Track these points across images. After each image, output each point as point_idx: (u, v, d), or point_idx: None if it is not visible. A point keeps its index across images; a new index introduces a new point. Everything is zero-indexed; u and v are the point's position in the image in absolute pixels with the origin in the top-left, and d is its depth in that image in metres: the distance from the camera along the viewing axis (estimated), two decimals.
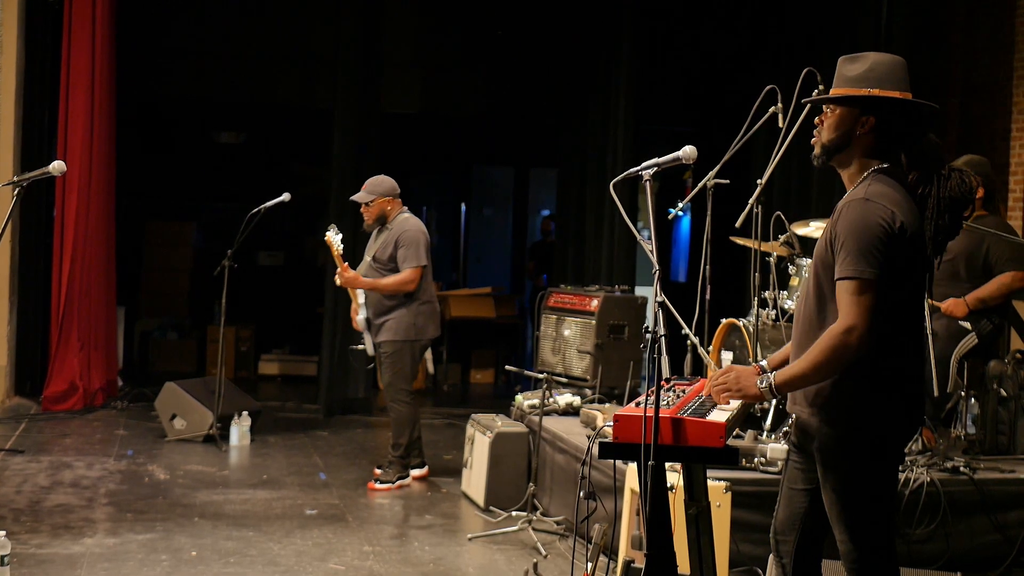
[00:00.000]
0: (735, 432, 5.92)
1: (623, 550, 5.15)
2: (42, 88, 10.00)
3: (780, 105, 6.04)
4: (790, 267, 6.42)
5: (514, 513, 6.51)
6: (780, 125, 5.99)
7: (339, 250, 7.18)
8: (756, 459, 5.56)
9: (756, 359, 5.99)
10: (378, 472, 7.40)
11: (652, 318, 3.40)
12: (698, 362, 6.25)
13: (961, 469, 5.71)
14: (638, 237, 3.67)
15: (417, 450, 7.54)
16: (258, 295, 12.71)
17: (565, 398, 7.34)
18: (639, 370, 7.79)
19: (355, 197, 7.40)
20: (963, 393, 6.26)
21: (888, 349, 3.46)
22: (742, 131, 6.00)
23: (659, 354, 3.35)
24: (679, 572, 3.55)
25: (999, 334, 6.36)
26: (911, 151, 3.55)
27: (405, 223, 7.33)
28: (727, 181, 6.21)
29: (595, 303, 8.10)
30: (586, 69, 11.06)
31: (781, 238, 6.42)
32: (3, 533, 4.97)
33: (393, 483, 7.30)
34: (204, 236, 13.82)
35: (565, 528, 6.28)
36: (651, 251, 3.54)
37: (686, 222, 14.96)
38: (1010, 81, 9.47)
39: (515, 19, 11.75)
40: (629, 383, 7.47)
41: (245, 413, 8.61)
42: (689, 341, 6.10)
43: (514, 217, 16.77)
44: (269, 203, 8.46)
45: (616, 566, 5.10)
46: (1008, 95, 9.49)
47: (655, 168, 3.70)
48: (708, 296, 6.25)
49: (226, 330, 8.88)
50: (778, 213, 6.34)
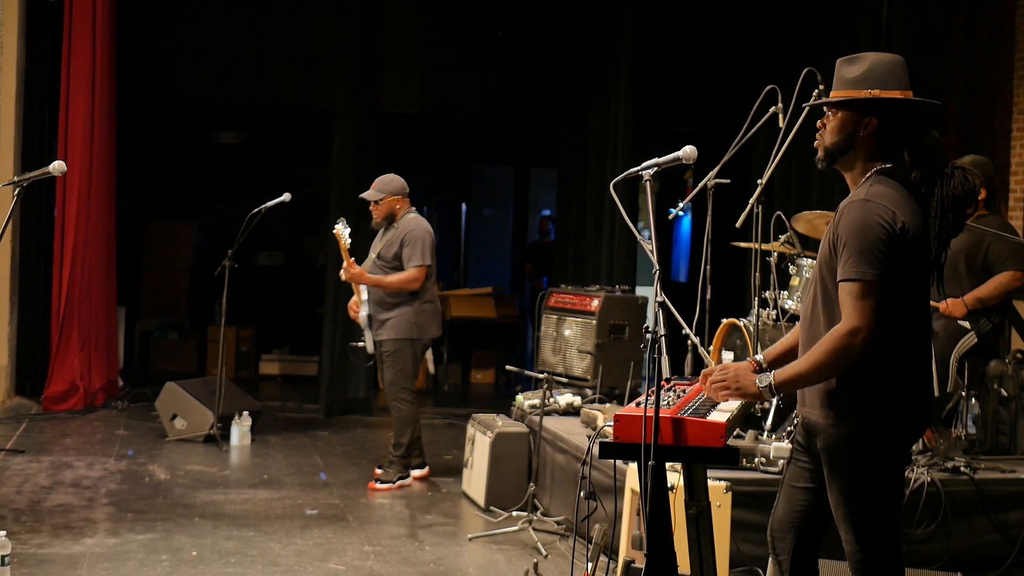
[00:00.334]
0: (736, 432, 5.95)
1: (623, 550, 5.15)
2: (42, 88, 10.00)
3: (780, 105, 6.04)
4: (790, 267, 6.41)
5: (514, 513, 6.51)
6: (780, 125, 5.99)
7: (347, 243, 7.18)
8: (757, 459, 5.57)
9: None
10: (378, 472, 7.40)
11: (652, 318, 3.40)
12: (699, 362, 6.25)
13: (962, 469, 5.71)
14: (638, 237, 3.67)
15: (418, 450, 7.55)
16: (258, 295, 12.72)
17: (566, 398, 7.34)
18: (640, 370, 7.78)
19: (364, 195, 7.41)
20: (963, 393, 6.26)
21: (894, 350, 3.45)
22: (742, 131, 6.00)
23: (659, 354, 3.35)
24: (679, 572, 3.55)
25: (999, 334, 6.36)
26: (914, 150, 3.55)
27: (412, 222, 7.34)
28: (727, 181, 6.22)
29: (595, 303, 8.10)
30: (586, 69, 11.06)
31: (782, 238, 6.42)
32: (3, 533, 4.96)
33: (393, 483, 7.30)
34: (204, 236, 13.82)
35: (565, 528, 6.28)
36: (651, 251, 3.54)
37: (687, 222, 14.95)
38: (1010, 81, 9.47)
39: (515, 19, 11.74)
40: (630, 383, 7.47)
41: (246, 413, 8.61)
42: (690, 341, 6.10)
43: (514, 217, 16.76)
44: (269, 203, 8.46)
45: (616, 566, 5.10)
46: (1008, 95, 9.49)
47: (655, 168, 3.70)
48: (709, 296, 6.26)
49: (226, 330, 8.88)
50: (778, 213, 6.34)
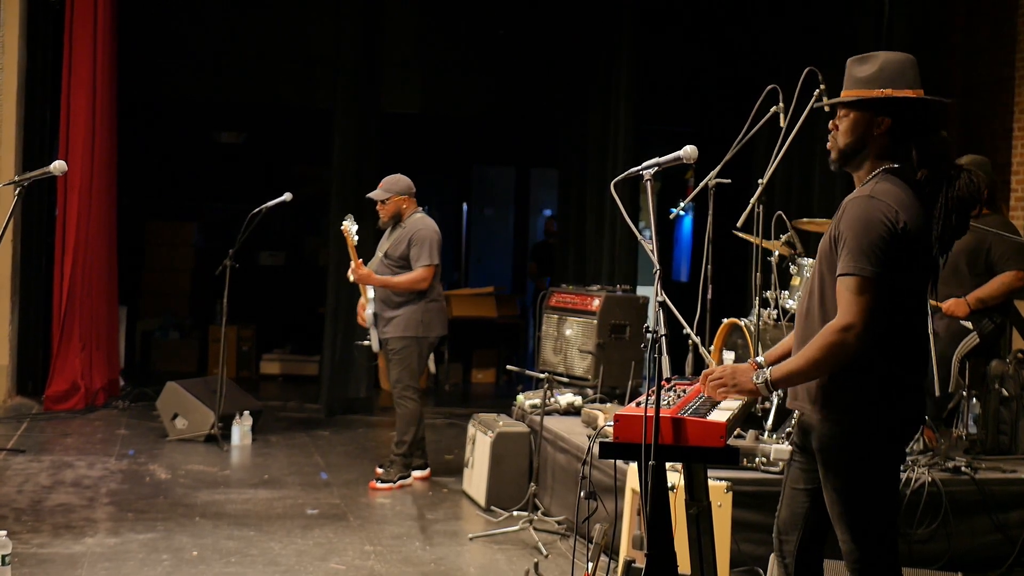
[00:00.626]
0: (736, 432, 5.95)
1: (624, 550, 5.15)
2: (44, 88, 10.01)
3: (781, 105, 6.03)
4: (791, 267, 6.41)
5: (515, 513, 6.51)
6: (781, 125, 5.98)
7: (354, 240, 7.18)
8: (757, 459, 5.56)
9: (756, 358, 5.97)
10: (379, 471, 7.40)
11: (653, 318, 3.40)
12: (700, 362, 6.24)
13: (962, 469, 5.70)
14: (639, 237, 3.67)
15: (420, 450, 7.54)
16: (259, 295, 12.72)
17: (566, 398, 7.33)
18: (640, 370, 7.77)
19: (371, 195, 7.42)
20: (964, 393, 6.25)
21: (891, 348, 3.45)
22: (743, 131, 6.00)
23: (659, 354, 3.35)
24: (680, 572, 3.55)
25: (1000, 334, 6.35)
26: (922, 149, 3.55)
27: (419, 222, 7.35)
28: (728, 180, 6.21)
29: (596, 303, 8.10)
30: (587, 68, 11.05)
31: (783, 237, 6.41)
32: (4, 533, 4.96)
33: (394, 483, 7.30)
34: (205, 236, 13.82)
35: (566, 528, 6.28)
36: (652, 251, 3.53)
37: (688, 222, 14.95)
38: (1011, 80, 9.46)
39: (516, 19, 11.75)
40: (630, 383, 7.47)
41: (246, 413, 8.61)
42: (690, 341, 6.10)
43: (515, 217, 16.75)
44: (270, 203, 8.46)
45: (617, 566, 5.10)
46: (1009, 94, 9.47)
47: (656, 168, 3.70)
48: (710, 296, 6.25)
49: (227, 330, 8.88)
50: (779, 213, 6.34)
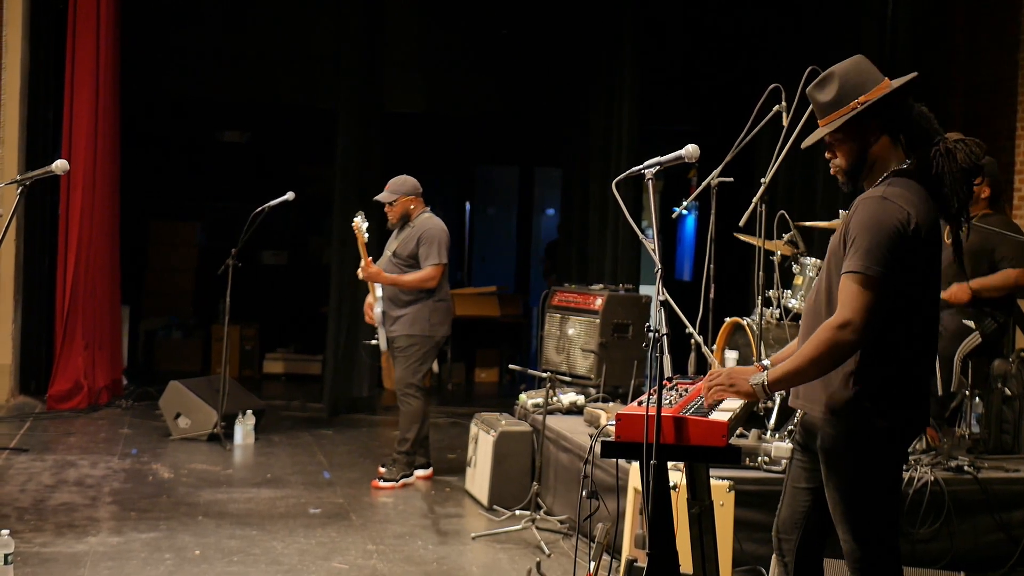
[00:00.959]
0: (739, 431, 5.95)
1: (626, 549, 5.15)
2: (47, 87, 10.01)
3: (784, 104, 6.03)
4: (794, 266, 6.41)
5: (518, 512, 6.50)
6: (783, 124, 5.98)
7: (365, 238, 7.20)
8: (760, 458, 5.56)
9: (760, 358, 5.98)
10: (382, 471, 7.40)
11: (654, 317, 3.40)
12: (702, 361, 6.24)
13: (965, 468, 5.70)
14: (640, 236, 3.67)
15: (423, 449, 7.55)
16: (262, 294, 12.73)
17: (569, 397, 7.33)
18: (643, 369, 7.77)
19: (379, 197, 7.43)
20: (967, 392, 6.24)
21: (896, 350, 3.45)
22: (745, 130, 6.00)
23: (661, 353, 3.35)
24: (682, 571, 3.55)
25: (1003, 333, 6.34)
26: (909, 131, 3.56)
27: (427, 221, 7.37)
28: (731, 179, 6.21)
29: (599, 302, 8.10)
30: (590, 68, 11.06)
31: (785, 237, 6.41)
32: (7, 532, 4.97)
33: (397, 481, 7.30)
34: (208, 235, 13.82)
35: (569, 527, 6.28)
36: (653, 250, 3.53)
37: (691, 221, 14.94)
38: (1015, 80, 9.44)
39: (519, 18, 11.74)
40: (633, 382, 7.47)
41: (249, 412, 8.61)
42: (693, 340, 6.10)
43: (519, 216, 16.75)
44: (273, 202, 8.46)
45: (619, 565, 5.10)
46: (1013, 94, 9.45)
47: (657, 167, 3.70)
48: (712, 295, 6.25)
49: (230, 329, 8.88)
50: (782, 212, 6.34)
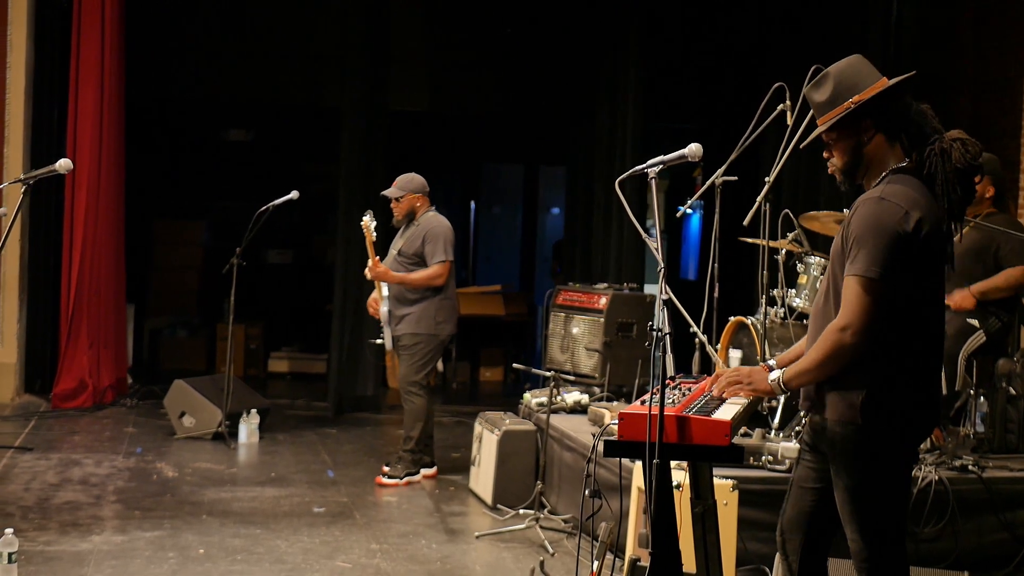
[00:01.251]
0: (743, 431, 5.94)
1: (630, 548, 5.14)
2: (51, 86, 10.01)
3: (788, 102, 6.02)
4: (798, 265, 6.40)
5: (522, 511, 6.50)
6: (788, 123, 5.97)
7: (374, 237, 7.20)
8: (764, 457, 5.55)
9: (764, 357, 5.97)
10: (386, 469, 7.40)
11: (657, 316, 3.39)
12: (706, 360, 6.23)
13: (970, 468, 5.69)
14: (643, 235, 3.67)
15: (427, 448, 7.54)
16: (267, 293, 12.73)
17: (573, 396, 7.33)
18: (647, 368, 7.75)
19: (386, 192, 7.44)
20: (972, 391, 6.23)
21: (903, 349, 3.45)
22: (749, 129, 5.99)
23: (664, 352, 3.35)
24: (685, 571, 3.55)
25: (1008, 332, 6.32)
26: (907, 129, 3.56)
27: (432, 220, 7.37)
28: (735, 178, 6.20)
29: (603, 301, 8.09)
30: (594, 66, 11.05)
31: (789, 236, 6.40)
32: (11, 530, 4.98)
33: (401, 479, 7.30)
34: (213, 234, 13.83)
35: (573, 526, 6.27)
36: (656, 249, 3.53)
37: (696, 220, 14.94)
38: (1020, 78, 9.41)
39: (524, 17, 11.73)
40: (637, 381, 7.45)
41: (254, 411, 8.61)
42: (697, 339, 6.09)
43: (524, 215, 16.75)
44: (277, 201, 8.47)
45: (623, 564, 5.09)
46: (1018, 92, 9.42)
47: (661, 166, 3.70)
48: (716, 294, 6.25)
49: (235, 328, 8.87)
50: (786, 211, 6.33)
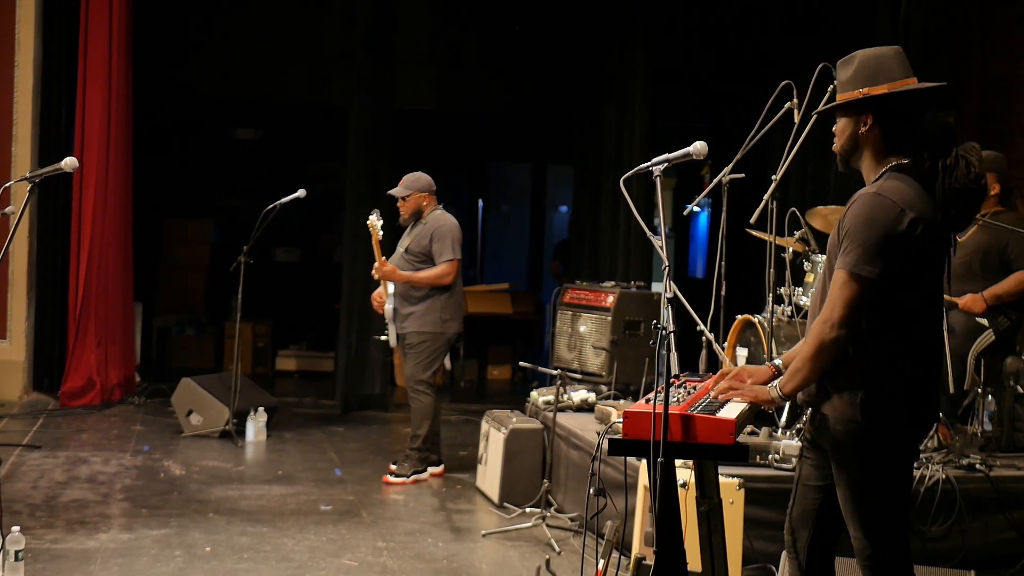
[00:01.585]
0: (750, 429, 5.94)
1: (636, 546, 5.13)
2: (59, 85, 10.03)
3: (795, 100, 5.99)
4: (805, 263, 6.39)
5: (528, 509, 6.50)
6: (795, 120, 5.95)
7: (380, 236, 7.20)
8: (770, 456, 5.54)
9: (771, 356, 5.96)
10: (393, 468, 7.40)
11: (662, 314, 3.39)
12: (713, 358, 6.22)
13: (977, 466, 5.67)
14: (648, 233, 3.66)
15: (434, 446, 7.54)
16: (275, 291, 12.75)
17: (580, 394, 7.32)
18: (654, 366, 7.74)
19: (392, 192, 7.44)
20: (980, 390, 6.22)
21: (902, 347, 3.44)
22: (756, 127, 5.97)
23: (668, 350, 3.34)
24: (691, 570, 3.54)
25: (1016, 331, 6.31)
26: (922, 136, 3.53)
27: (440, 218, 7.37)
28: (742, 176, 6.19)
29: (610, 299, 8.08)
30: (601, 65, 11.03)
31: (796, 234, 6.39)
32: (17, 528, 4.98)
33: (408, 477, 7.30)
34: (221, 232, 13.85)
35: (579, 524, 6.27)
36: (661, 247, 3.52)
37: (704, 218, 14.92)
38: None
39: (531, 15, 11.73)
40: (644, 379, 7.44)
41: (261, 409, 8.63)
42: (704, 337, 6.08)
43: (531, 213, 16.75)
44: (284, 199, 8.48)
45: (629, 563, 5.08)
46: None
47: (666, 164, 3.69)
48: (724, 292, 6.23)
49: (242, 326, 8.89)
50: (793, 209, 6.32)
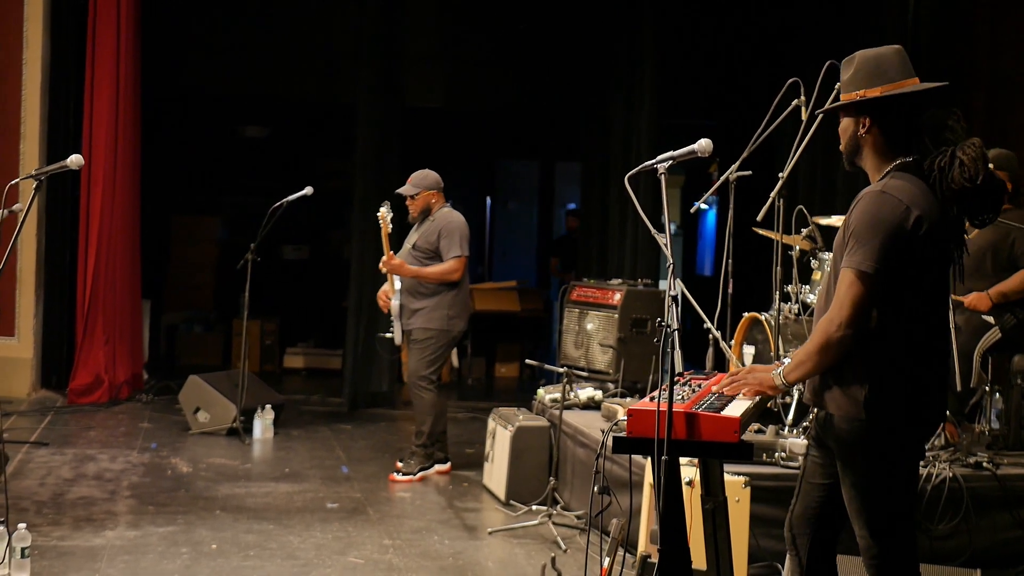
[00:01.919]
0: (756, 427, 5.93)
1: (642, 544, 5.13)
2: (67, 83, 10.05)
3: (803, 98, 5.99)
4: (812, 261, 6.38)
5: (534, 507, 6.50)
6: (802, 118, 5.94)
7: (389, 229, 7.20)
8: (776, 454, 5.54)
9: (778, 354, 5.95)
10: (399, 465, 7.41)
11: (666, 312, 3.38)
12: (720, 356, 6.22)
13: (984, 465, 5.66)
14: (652, 231, 3.65)
15: (441, 444, 7.54)
16: (283, 289, 12.76)
17: (587, 392, 7.32)
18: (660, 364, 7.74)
19: (400, 190, 7.45)
20: (987, 388, 6.21)
21: (907, 345, 3.44)
22: (763, 124, 5.96)
23: (673, 348, 3.34)
24: (696, 568, 3.54)
25: (1023, 328, 6.29)
26: (913, 137, 3.55)
27: (448, 215, 7.39)
28: (749, 173, 6.18)
29: (618, 297, 8.08)
30: (609, 62, 11.03)
31: (803, 232, 6.38)
32: (24, 525, 5.00)
33: (414, 475, 7.31)
34: (229, 230, 13.88)
35: (585, 522, 6.27)
36: (665, 244, 3.52)
37: (711, 216, 14.90)
38: None
39: (538, 13, 11.73)
40: (651, 377, 7.43)
41: (268, 406, 8.63)
42: (711, 335, 6.07)
43: (539, 211, 16.75)
44: (291, 197, 8.48)
45: (635, 561, 5.08)
46: None
47: (670, 161, 3.68)
48: (731, 290, 6.23)
49: (250, 323, 8.90)
50: (800, 207, 6.31)
